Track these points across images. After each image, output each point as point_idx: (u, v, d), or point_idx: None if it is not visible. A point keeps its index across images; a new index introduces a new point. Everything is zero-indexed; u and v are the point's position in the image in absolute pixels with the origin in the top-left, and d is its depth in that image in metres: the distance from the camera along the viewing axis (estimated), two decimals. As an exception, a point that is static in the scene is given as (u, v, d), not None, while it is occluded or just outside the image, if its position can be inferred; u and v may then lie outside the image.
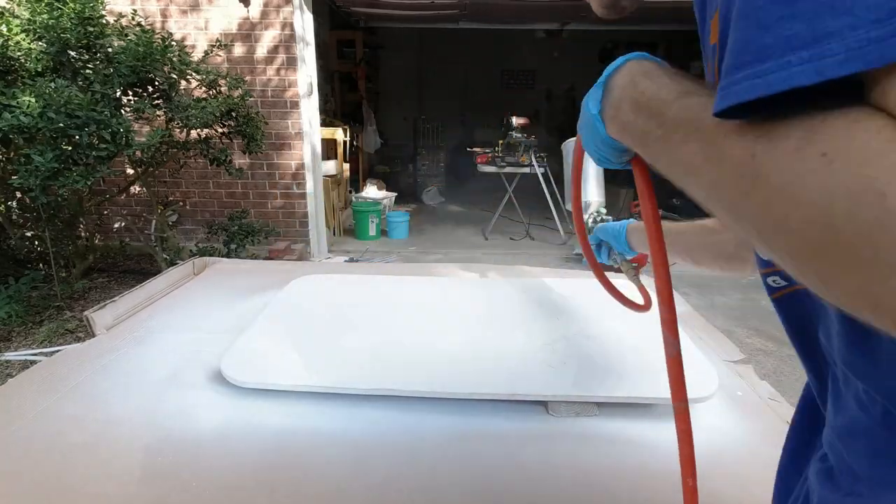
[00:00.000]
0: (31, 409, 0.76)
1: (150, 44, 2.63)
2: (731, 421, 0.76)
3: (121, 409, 0.76)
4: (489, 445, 0.70)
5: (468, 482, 0.63)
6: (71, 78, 2.53)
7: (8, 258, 3.23)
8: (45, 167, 2.23)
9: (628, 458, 0.68)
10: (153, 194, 3.58)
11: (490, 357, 0.87)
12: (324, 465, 0.66)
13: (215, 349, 0.90)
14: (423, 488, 0.62)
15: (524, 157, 4.86)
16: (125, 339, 0.98)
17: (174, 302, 1.18)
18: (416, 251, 4.65)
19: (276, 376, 0.81)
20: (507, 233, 5.26)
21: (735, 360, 0.95)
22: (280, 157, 4.16)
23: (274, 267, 1.46)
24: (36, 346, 2.59)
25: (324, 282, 1.23)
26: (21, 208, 3.13)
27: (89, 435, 0.71)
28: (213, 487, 0.61)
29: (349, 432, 0.72)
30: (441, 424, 0.74)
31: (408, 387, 0.79)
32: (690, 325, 1.08)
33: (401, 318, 1.03)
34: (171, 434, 0.71)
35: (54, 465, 0.65)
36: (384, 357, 0.87)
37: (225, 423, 0.74)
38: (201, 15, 3.89)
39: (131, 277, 3.61)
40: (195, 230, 4.19)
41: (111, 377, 0.85)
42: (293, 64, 3.96)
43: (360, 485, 0.63)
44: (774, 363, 2.70)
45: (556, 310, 1.05)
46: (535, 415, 0.77)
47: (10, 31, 2.35)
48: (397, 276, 1.28)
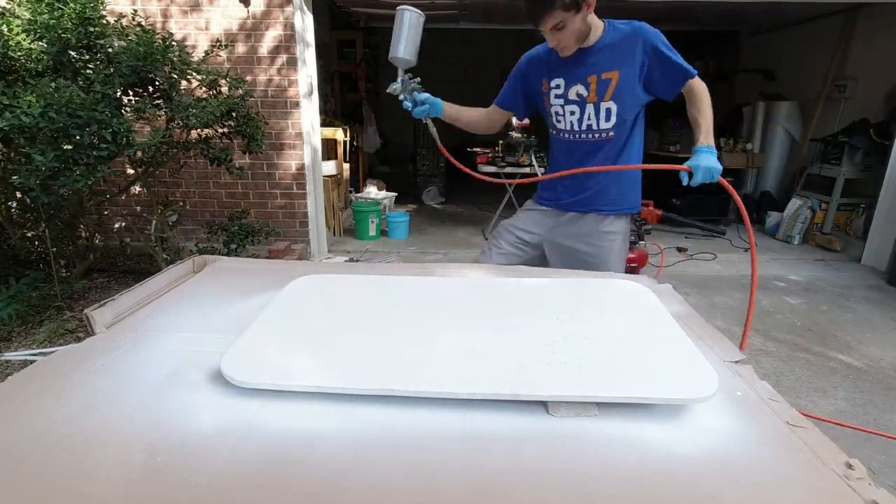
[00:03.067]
0: (30, 408, 0.76)
1: (151, 44, 2.63)
2: (731, 421, 0.76)
3: (121, 409, 0.76)
4: (489, 445, 0.70)
5: (468, 482, 0.63)
6: (72, 78, 2.53)
7: (8, 258, 3.23)
8: (46, 167, 2.23)
9: (628, 458, 0.68)
10: (153, 194, 3.58)
11: (490, 357, 0.87)
12: (324, 465, 0.66)
13: (215, 349, 0.90)
14: (423, 488, 0.62)
15: (524, 157, 4.86)
16: (125, 338, 0.98)
17: (174, 300, 1.18)
18: (416, 251, 4.65)
19: (276, 376, 0.81)
20: (508, 233, 5.25)
21: (735, 361, 0.95)
22: (280, 157, 4.16)
23: (274, 267, 1.46)
24: (36, 346, 2.59)
25: (324, 282, 1.23)
26: (21, 208, 3.13)
27: (89, 435, 0.71)
28: (213, 487, 0.61)
29: (349, 432, 0.73)
30: (441, 424, 0.74)
31: (408, 387, 0.79)
32: (690, 325, 1.08)
33: (401, 318, 1.03)
34: (171, 434, 0.71)
35: (54, 465, 0.65)
36: (384, 357, 0.87)
37: (225, 423, 0.74)
38: (202, 15, 3.89)
39: (131, 277, 3.61)
40: (195, 230, 4.19)
41: (111, 377, 0.85)
42: (293, 64, 3.97)
43: (360, 485, 0.63)
44: (774, 363, 2.70)
45: (556, 310, 1.05)
46: (535, 415, 0.77)
47: (10, 31, 2.36)
48: (397, 276, 1.28)
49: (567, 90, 1.63)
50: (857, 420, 2.21)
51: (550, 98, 1.68)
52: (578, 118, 1.65)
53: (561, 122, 1.70)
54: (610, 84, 1.58)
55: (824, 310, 3.43)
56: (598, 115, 1.63)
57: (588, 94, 1.61)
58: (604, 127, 1.65)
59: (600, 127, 1.65)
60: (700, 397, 0.77)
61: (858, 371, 2.63)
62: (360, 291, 1.17)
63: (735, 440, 0.72)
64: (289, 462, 0.66)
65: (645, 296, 1.14)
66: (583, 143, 1.69)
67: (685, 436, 0.73)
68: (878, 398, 2.39)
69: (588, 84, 1.60)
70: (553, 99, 1.67)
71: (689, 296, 3.58)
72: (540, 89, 1.71)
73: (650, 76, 1.59)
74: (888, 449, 1.99)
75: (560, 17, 1.43)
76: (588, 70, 1.59)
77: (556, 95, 1.66)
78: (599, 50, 1.57)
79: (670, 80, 1.59)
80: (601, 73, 1.58)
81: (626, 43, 1.56)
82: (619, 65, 1.57)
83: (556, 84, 1.65)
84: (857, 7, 4.84)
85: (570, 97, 1.64)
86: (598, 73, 1.58)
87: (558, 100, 1.66)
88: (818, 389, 2.47)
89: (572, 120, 1.66)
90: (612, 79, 1.58)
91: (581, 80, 1.60)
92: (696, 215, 5.35)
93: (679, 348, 0.90)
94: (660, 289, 1.29)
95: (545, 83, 1.68)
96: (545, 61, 1.68)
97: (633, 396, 0.77)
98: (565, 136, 1.71)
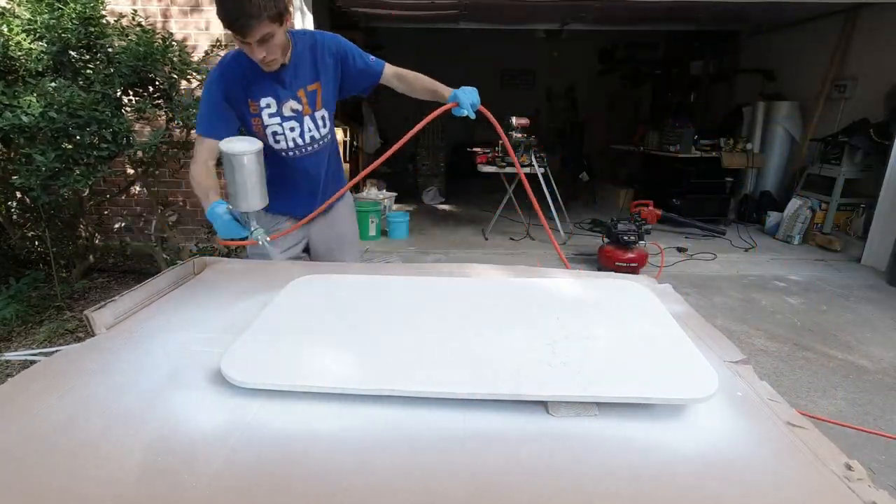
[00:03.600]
0: (31, 409, 0.76)
1: (151, 44, 2.63)
2: (730, 421, 0.76)
3: (121, 409, 0.76)
4: (489, 445, 0.70)
5: (468, 482, 0.63)
6: (72, 78, 2.53)
7: (8, 258, 3.23)
8: (47, 167, 2.23)
9: (628, 458, 0.68)
10: (153, 194, 3.58)
11: (490, 357, 0.87)
12: (324, 466, 0.66)
13: (215, 349, 0.90)
14: (423, 488, 0.62)
15: (524, 157, 4.86)
16: (125, 339, 0.99)
17: (174, 302, 1.18)
18: (416, 251, 4.65)
19: (276, 376, 0.81)
20: (507, 233, 5.26)
21: (735, 361, 0.95)
22: (280, 157, 4.16)
23: (274, 267, 1.46)
24: (36, 346, 2.59)
25: (324, 282, 1.23)
26: (21, 208, 3.13)
27: (89, 435, 0.71)
28: (213, 487, 0.61)
29: (349, 432, 0.73)
30: (441, 424, 0.74)
31: (408, 387, 0.79)
32: (690, 325, 1.08)
33: (401, 318, 1.03)
34: (172, 434, 0.71)
35: (54, 466, 0.65)
36: (384, 357, 0.87)
37: (225, 423, 0.74)
38: (202, 15, 3.89)
39: (131, 277, 3.61)
40: (195, 230, 4.19)
41: (111, 377, 0.85)
42: (293, 64, 3.96)
43: (360, 485, 0.63)
44: (774, 363, 2.70)
45: (556, 310, 1.05)
46: (535, 415, 0.77)
47: (10, 31, 2.36)
48: (397, 276, 1.28)
49: (281, 107, 1.57)
50: (857, 420, 2.21)
51: (263, 119, 1.57)
52: (300, 132, 1.62)
53: (281, 140, 1.61)
54: (317, 94, 1.60)
55: (824, 310, 3.43)
56: (317, 123, 1.64)
57: (302, 107, 1.59)
58: (323, 133, 1.67)
59: (322, 134, 1.67)
60: (700, 397, 0.77)
61: (858, 371, 2.63)
62: (360, 291, 1.17)
63: (735, 440, 0.72)
64: (289, 462, 0.66)
65: (645, 296, 1.14)
66: (308, 157, 1.68)
67: (685, 436, 0.73)
68: (878, 398, 2.39)
69: (299, 98, 1.58)
70: (268, 119, 1.57)
71: (689, 296, 3.58)
72: (246, 110, 1.57)
73: (344, 82, 1.64)
74: (888, 449, 1.99)
75: (268, 29, 1.34)
76: (294, 84, 1.56)
77: (269, 115, 1.57)
78: (297, 63, 1.56)
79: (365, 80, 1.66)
80: (307, 87, 1.58)
81: (316, 53, 1.58)
82: (318, 75, 1.59)
83: (266, 104, 1.55)
84: (857, 7, 4.85)
85: (285, 114, 1.58)
86: (304, 86, 1.57)
87: (274, 118, 1.57)
88: (818, 389, 2.47)
89: (293, 136, 1.62)
90: (317, 90, 1.59)
91: (292, 96, 1.57)
92: (696, 215, 5.35)
93: (679, 348, 0.90)
94: (660, 289, 1.29)
95: (252, 104, 1.56)
96: (239, 80, 1.53)
97: (633, 396, 0.77)
98: (289, 154, 1.65)
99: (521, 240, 5.07)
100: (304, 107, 1.60)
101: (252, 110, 1.57)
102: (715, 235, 5.24)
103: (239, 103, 1.57)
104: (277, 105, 1.57)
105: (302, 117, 1.61)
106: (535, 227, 5.28)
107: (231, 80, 1.54)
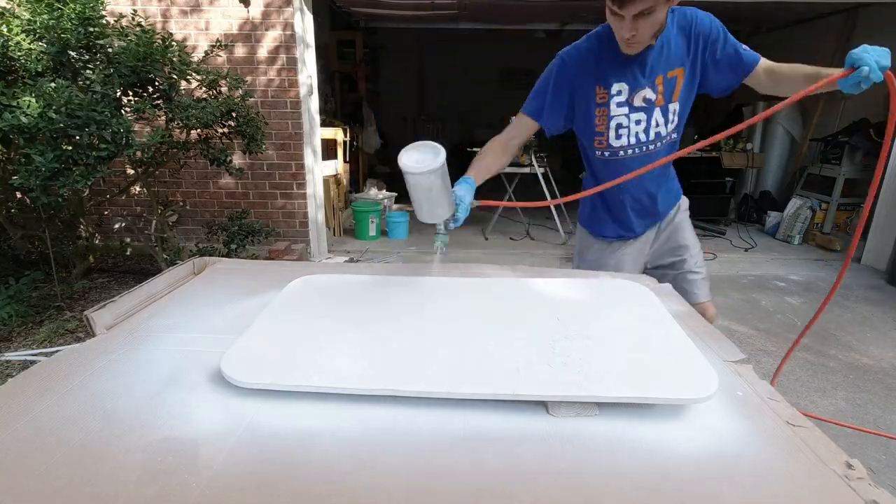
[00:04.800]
0: (32, 409, 0.76)
1: (151, 44, 2.63)
2: (730, 421, 0.76)
3: (121, 409, 0.76)
4: (489, 445, 0.70)
5: (468, 482, 0.63)
6: (71, 78, 2.53)
7: (8, 258, 3.23)
8: (46, 167, 2.23)
9: (628, 458, 0.68)
10: (153, 194, 3.58)
11: (490, 357, 0.87)
12: (324, 465, 0.66)
13: (215, 349, 0.90)
14: (423, 488, 0.62)
15: (524, 157, 4.86)
16: (125, 339, 0.99)
17: (174, 302, 1.18)
18: (416, 251, 4.65)
19: (276, 376, 0.81)
20: (507, 233, 5.26)
21: (735, 360, 0.95)
22: (280, 157, 4.17)
23: (274, 267, 1.46)
24: (36, 346, 2.59)
25: (324, 282, 1.23)
26: (21, 208, 3.13)
27: (89, 435, 0.71)
28: (213, 487, 0.61)
29: (349, 432, 0.72)
30: (441, 424, 0.74)
31: (408, 387, 0.79)
32: (690, 324, 1.08)
33: (401, 318, 1.03)
34: (172, 434, 0.71)
35: (55, 466, 0.65)
36: (384, 357, 0.87)
37: (225, 423, 0.74)
38: (202, 16, 3.89)
39: (131, 277, 3.62)
40: (195, 230, 4.19)
41: (111, 377, 0.85)
42: (293, 65, 3.97)
43: (360, 484, 0.63)
44: (774, 363, 2.69)
45: (556, 310, 1.05)
46: (535, 415, 0.77)
47: (10, 31, 2.35)
48: (397, 276, 1.28)
49: (632, 96, 1.39)
50: (857, 420, 2.21)
51: (611, 108, 1.40)
52: (644, 127, 1.42)
53: (623, 136, 1.43)
54: (676, 83, 1.38)
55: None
56: (667, 118, 1.42)
57: (656, 96, 1.39)
58: (669, 130, 1.45)
59: (667, 131, 1.44)
60: (700, 397, 0.77)
61: (858, 371, 2.63)
62: (360, 292, 1.17)
63: (735, 440, 0.72)
64: (288, 462, 0.66)
65: (645, 296, 1.14)
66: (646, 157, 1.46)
67: (685, 436, 0.73)
68: (878, 398, 2.39)
69: (656, 86, 1.38)
70: (615, 108, 1.40)
71: (689, 296, 3.57)
72: (592, 99, 1.42)
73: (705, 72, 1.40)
74: (888, 449, 1.99)
75: (652, 3, 1.17)
76: (656, 69, 1.36)
77: (618, 104, 1.40)
78: (663, 45, 1.35)
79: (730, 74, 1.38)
80: (667, 72, 1.37)
81: (689, 35, 1.37)
82: (683, 60, 1.37)
83: (617, 90, 1.38)
84: (857, 7, 4.85)
85: (635, 104, 1.40)
86: (665, 72, 1.37)
87: (621, 108, 1.40)
88: (818, 389, 2.47)
89: (637, 130, 1.42)
90: (678, 77, 1.38)
91: (649, 84, 1.37)
92: (696, 215, 5.32)
93: (679, 348, 0.90)
94: (660, 289, 1.29)
95: (600, 91, 1.40)
96: (592, 64, 1.39)
97: (633, 396, 0.77)
98: (626, 152, 1.46)
99: (521, 240, 5.07)
100: (658, 96, 1.39)
101: (599, 99, 1.41)
102: (715, 235, 5.24)
103: (584, 92, 1.42)
104: (630, 93, 1.39)
105: (653, 109, 1.40)
106: (535, 228, 5.28)
107: (582, 62, 1.40)
